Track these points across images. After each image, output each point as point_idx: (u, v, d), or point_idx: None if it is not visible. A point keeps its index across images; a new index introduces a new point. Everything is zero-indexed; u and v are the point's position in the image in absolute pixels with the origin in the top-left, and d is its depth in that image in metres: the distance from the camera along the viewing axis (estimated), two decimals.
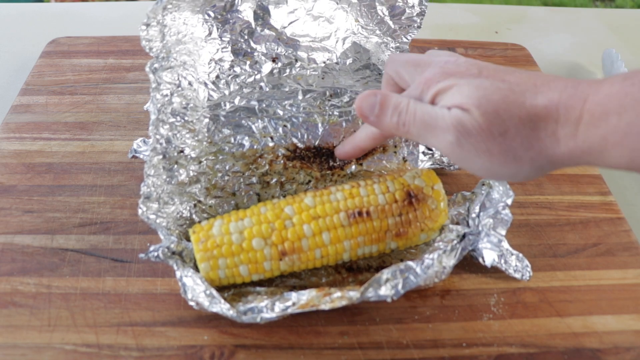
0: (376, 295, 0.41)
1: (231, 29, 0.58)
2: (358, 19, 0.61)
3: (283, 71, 0.59)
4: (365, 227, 0.46)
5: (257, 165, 0.54)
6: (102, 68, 0.72)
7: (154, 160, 0.49)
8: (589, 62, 0.85)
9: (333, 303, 0.41)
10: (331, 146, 0.55)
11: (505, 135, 0.36)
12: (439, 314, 0.47)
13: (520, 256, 0.49)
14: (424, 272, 0.42)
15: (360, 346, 0.45)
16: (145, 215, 0.46)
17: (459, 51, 0.80)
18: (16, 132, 0.61)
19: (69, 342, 0.43)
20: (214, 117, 0.55)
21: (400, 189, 0.47)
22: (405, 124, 0.40)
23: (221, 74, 0.57)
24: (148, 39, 0.51)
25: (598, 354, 0.45)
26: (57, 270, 0.48)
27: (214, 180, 0.52)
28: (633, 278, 0.51)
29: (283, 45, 0.60)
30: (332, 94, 0.58)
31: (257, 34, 0.59)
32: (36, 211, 0.53)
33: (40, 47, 0.75)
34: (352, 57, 0.61)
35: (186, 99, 0.53)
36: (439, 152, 0.55)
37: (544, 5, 2.42)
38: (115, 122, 0.63)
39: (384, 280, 0.42)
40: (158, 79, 0.51)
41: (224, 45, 0.58)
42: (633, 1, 2.50)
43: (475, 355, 0.44)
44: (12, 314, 0.45)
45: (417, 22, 0.60)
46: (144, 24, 0.51)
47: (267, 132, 0.55)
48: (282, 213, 0.46)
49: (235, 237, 0.45)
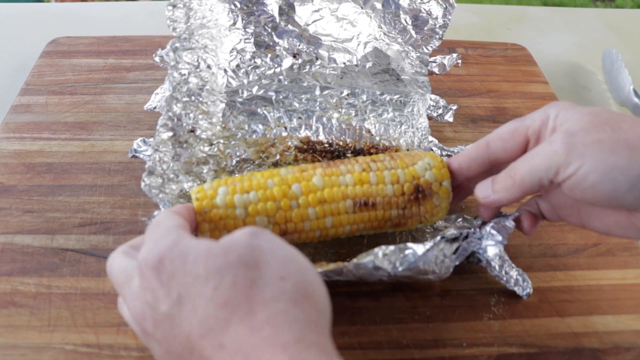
0: (373, 266, 0.41)
1: (256, 21, 0.59)
2: (381, 25, 0.62)
3: (303, 67, 0.60)
4: (369, 215, 0.46)
5: (268, 154, 0.54)
6: (102, 68, 0.71)
7: (163, 136, 0.49)
8: (589, 62, 0.85)
9: (327, 266, 0.41)
10: (344, 143, 0.55)
11: (616, 130, 0.37)
12: (439, 314, 0.47)
13: (521, 271, 0.49)
14: (424, 253, 0.42)
15: (361, 346, 0.45)
16: (148, 188, 0.46)
17: (459, 51, 0.80)
18: (16, 132, 0.61)
19: (69, 342, 0.43)
20: (231, 103, 0.55)
21: (410, 181, 0.46)
22: (516, 173, 0.42)
23: (242, 64, 0.58)
24: (173, 19, 0.52)
25: (598, 354, 0.45)
26: (57, 270, 0.48)
27: (223, 163, 0.52)
28: (633, 278, 0.51)
29: (305, 42, 0.61)
30: (349, 93, 0.58)
31: (280, 28, 0.60)
32: (36, 211, 0.53)
33: (40, 47, 0.75)
34: (372, 61, 0.62)
35: (203, 80, 0.54)
36: None
37: (544, 5, 2.42)
38: (115, 122, 0.63)
39: (381, 254, 0.42)
40: (177, 57, 0.52)
41: (247, 37, 0.59)
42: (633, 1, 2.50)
43: (476, 355, 0.44)
44: (12, 314, 0.45)
45: (439, 33, 0.61)
46: (170, 4, 0.52)
47: (281, 122, 0.55)
48: (289, 191, 0.44)
49: (239, 212, 0.43)
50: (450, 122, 0.62)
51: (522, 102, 0.71)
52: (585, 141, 0.38)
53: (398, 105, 0.60)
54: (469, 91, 0.73)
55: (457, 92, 0.72)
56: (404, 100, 0.60)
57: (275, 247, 0.35)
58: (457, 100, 0.70)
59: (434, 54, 0.66)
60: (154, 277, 0.33)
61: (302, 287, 0.33)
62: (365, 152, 0.57)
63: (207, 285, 0.32)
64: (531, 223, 0.46)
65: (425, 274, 0.44)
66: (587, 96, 0.79)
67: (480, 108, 0.70)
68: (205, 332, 0.31)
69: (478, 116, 0.68)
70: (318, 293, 0.34)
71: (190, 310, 0.32)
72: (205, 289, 0.32)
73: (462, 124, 0.67)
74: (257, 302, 0.32)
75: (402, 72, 0.62)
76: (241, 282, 0.32)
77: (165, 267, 0.33)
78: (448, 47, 0.80)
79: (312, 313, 0.32)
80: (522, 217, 0.46)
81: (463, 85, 0.74)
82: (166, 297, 0.33)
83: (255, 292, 0.32)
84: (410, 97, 0.60)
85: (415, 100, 0.60)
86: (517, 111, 0.70)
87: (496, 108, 0.70)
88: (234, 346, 0.31)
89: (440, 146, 0.58)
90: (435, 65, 0.65)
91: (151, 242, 0.35)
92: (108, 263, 0.38)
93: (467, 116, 0.68)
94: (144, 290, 0.34)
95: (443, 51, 0.79)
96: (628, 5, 2.46)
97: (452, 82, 0.74)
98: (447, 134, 0.65)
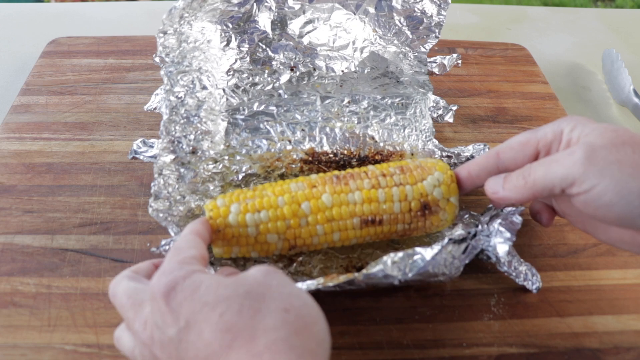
0: (383, 274, 0.41)
1: (249, 39, 0.59)
2: (376, 29, 0.61)
3: (301, 79, 0.60)
4: (375, 230, 0.47)
5: (274, 167, 0.54)
6: (102, 68, 0.71)
7: (165, 160, 0.49)
8: (589, 62, 0.85)
9: (338, 280, 0.42)
10: (348, 152, 0.55)
11: (637, 151, 0.37)
12: (439, 314, 0.47)
13: (530, 266, 0.49)
14: (433, 258, 0.42)
15: (361, 346, 0.45)
16: (156, 213, 0.46)
17: (459, 51, 0.80)
18: (16, 132, 0.61)
19: (69, 342, 0.43)
20: (232, 121, 0.55)
21: (417, 198, 0.47)
22: (530, 174, 0.41)
23: (240, 82, 0.58)
24: (165, 46, 0.52)
25: (598, 354, 0.45)
26: (57, 270, 0.48)
27: (230, 179, 0.53)
28: (633, 278, 0.51)
29: (301, 54, 0.61)
30: (350, 101, 0.58)
31: (275, 43, 0.60)
32: (36, 211, 0.53)
33: (40, 47, 0.75)
34: (370, 66, 0.62)
35: (200, 100, 0.54)
36: None
37: (544, 5, 2.42)
38: (115, 122, 0.63)
39: (390, 262, 0.42)
40: (172, 82, 0.52)
41: (242, 55, 0.59)
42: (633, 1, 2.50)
43: (476, 355, 0.44)
44: (12, 314, 0.45)
45: (435, 32, 0.60)
46: (160, 31, 0.52)
47: (285, 135, 0.55)
48: (299, 210, 0.46)
49: (251, 230, 0.45)
50: (450, 122, 0.62)
51: (522, 102, 0.71)
52: (606, 159, 0.37)
53: (400, 108, 0.60)
54: (469, 91, 0.73)
55: (457, 92, 0.72)
56: (405, 103, 0.60)
57: (282, 284, 0.36)
58: (457, 101, 0.70)
59: (434, 54, 0.66)
60: (163, 302, 0.34)
61: (304, 320, 0.34)
62: (370, 158, 0.57)
63: (215, 312, 0.33)
64: (549, 217, 0.46)
65: (436, 277, 0.44)
66: (587, 96, 0.79)
67: (480, 108, 0.70)
68: (209, 355, 0.33)
69: (478, 116, 0.68)
70: (319, 326, 0.35)
71: (196, 334, 0.33)
72: (212, 315, 0.33)
73: (462, 124, 0.67)
74: (259, 329, 0.33)
75: (402, 73, 0.62)
76: (246, 311, 0.33)
77: (176, 295, 0.35)
78: (448, 47, 0.80)
79: (311, 343, 0.33)
80: (540, 211, 0.46)
81: (463, 85, 0.74)
82: (175, 322, 0.34)
83: (258, 321, 0.33)
84: (412, 99, 0.60)
85: (417, 101, 0.60)
86: (517, 111, 0.70)
87: (496, 108, 0.70)
88: None
89: (440, 147, 0.58)
90: (435, 66, 0.65)
91: (164, 270, 0.36)
92: (111, 286, 0.39)
93: (467, 116, 0.68)
94: (154, 315, 0.35)
95: (443, 51, 0.79)
96: (628, 5, 2.47)
97: (452, 83, 0.74)
98: (447, 134, 0.65)
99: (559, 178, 0.39)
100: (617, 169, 0.37)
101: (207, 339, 0.33)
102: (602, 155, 0.37)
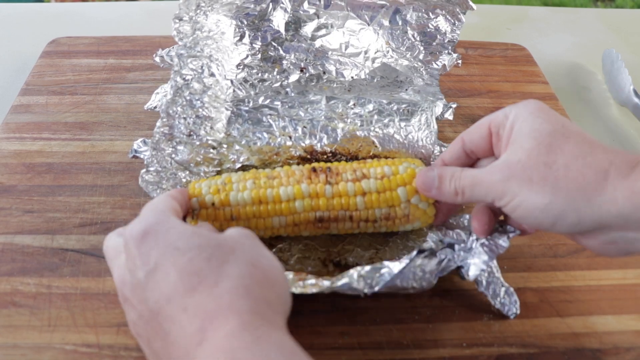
0: (349, 287, 0.42)
1: (262, 36, 0.60)
2: (389, 41, 0.61)
3: (310, 81, 0.61)
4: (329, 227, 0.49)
5: (271, 161, 0.54)
6: (102, 68, 0.72)
7: (161, 136, 0.50)
8: (589, 62, 0.85)
9: (304, 289, 0.42)
10: (348, 153, 0.55)
11: (549, 165, 0.38)
12: (439, 314, 0.47)
13: (511, 290, 0.47)
14: (400, 271, 0.42)
15: (361, 346, 0.45)
16: (145, 184, 0.48)
17: (459, 51, 0.80)
18: (16, 132, 0.61)
19: (69, 342, 0.43)
20: (236, 111, 0.56)
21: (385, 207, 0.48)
22: (460, 184, 0.43)
23: (249, 77, 0.59)
24: (179, 31, 0.53)
25: (598, 354, 0.45)
26: (57, 270, 0.48)
27: (226, 166, 0.53)
28: (633, 278, 0.51)
29: (312, 56, 0.61)
30: (355, 103, 0.58)
31: (287, 43, 0.61)
32: (36, 211, 0.53)
33: (40, 47, 0.75)
34: (380, 75, 0.62)
35: (206, 86, 0.55)
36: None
37: (544, 5, 2.42)
38: (115, 122, 0.63)
39: (357, 275, 0.42)
40: (182, 63, 0.54)
41: (254, 52, 0.60)
42: (633, 1, 2.50)
43: (476, 356, 0.44)
44: (12, 314, 0.45)
45: (448, 48, 0.60)
46: (176, 16, 0.53)
47: (286, 131, 0.55)
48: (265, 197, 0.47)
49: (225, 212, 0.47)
50: (450, 120, 0.62)
51: None
52: (518, 177, 0.39)
53: (405, 115, 0.59)
54: (469, 91, 0.73)
55: (457, 92, 0.73)
56: (411, 110, 0.59)
57: (255, 245, 0.38)
58: (457, 100, 0.70)
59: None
60: (135, 247, 0.36)
61: (267, 275, 0.36)
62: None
63: (184, 257, 0.35)
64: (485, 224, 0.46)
65: (405, 290, 0.43)
66: (587, 96, 0.79)
67: (480, 108, 0.70)
68: (173, 296, 0.34)
69: (478, 116, 0.68)
70: (281, 286, 0.37)
71: (163, 275, 0.35)
72: (181, 259, 0.35)
73: (462, 124, 0.67)
74: (224, 275, 0.35)
75: (411, 83, 0.62)
76: (215, 259, 0.35)
77: (147, 240, 0.36)
78: None
79: (272, 295, 0.35)
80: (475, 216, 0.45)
81: (463, 85, 0.74)
82: (144, 265, 0.36)
83: (224, 268, 0.35)
84: (419, 106, 0.59)
85: (423, 108, 0.59)
86: None
87: (496, 108, 0.69)
88: (195, 310, 0.33)
89: (440, 143, 0.58)
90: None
91: (140, 219, 0.38)
92: (104, 242, 0.41)
93: (467, 116, 0.68)
94: (127, 260, 0.37)
95: None
96: (628, 5, 2.47)
97: (452, 82, 0.74)
98: (447, 133, 0.65)
99: (482, 195, 0.42)
100: (527, 187, 0.39)
101: (174, 280, 0.35)
102: (516, 172, 0.39)
